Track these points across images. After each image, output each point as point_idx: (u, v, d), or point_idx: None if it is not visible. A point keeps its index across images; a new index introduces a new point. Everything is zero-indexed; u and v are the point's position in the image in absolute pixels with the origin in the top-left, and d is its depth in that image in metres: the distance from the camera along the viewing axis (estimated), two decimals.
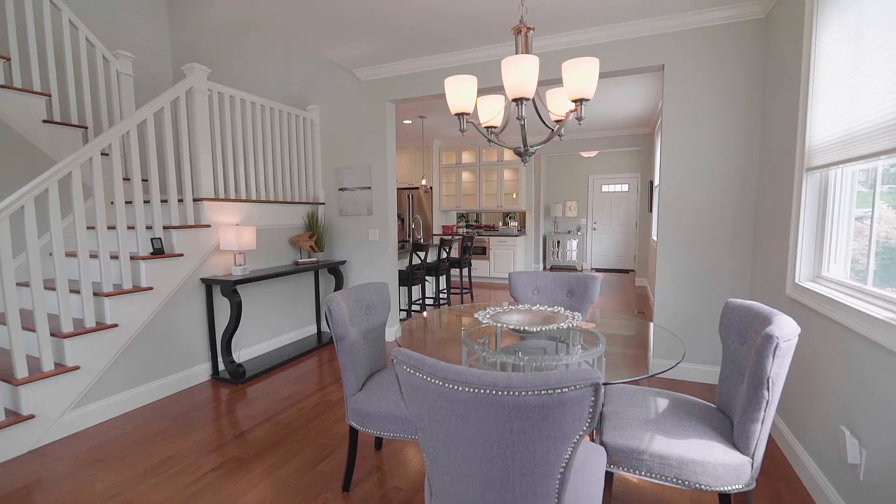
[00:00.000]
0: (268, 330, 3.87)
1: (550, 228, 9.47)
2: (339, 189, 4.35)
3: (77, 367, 2.51)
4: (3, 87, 3.08)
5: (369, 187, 4.19)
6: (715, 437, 1.48)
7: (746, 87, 2.89)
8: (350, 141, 4.25)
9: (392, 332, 4.16)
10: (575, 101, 1.69)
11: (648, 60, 3.12)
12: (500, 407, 0.96)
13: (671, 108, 3.10)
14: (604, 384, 1.38)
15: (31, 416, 2.32)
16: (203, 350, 3.28)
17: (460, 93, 1.82)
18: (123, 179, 3.41)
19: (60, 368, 2.46)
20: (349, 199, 4.30)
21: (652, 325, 2.09)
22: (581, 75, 1.62)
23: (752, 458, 1.40)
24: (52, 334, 2.49)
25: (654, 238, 5.65)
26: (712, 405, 1.74)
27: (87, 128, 3.62)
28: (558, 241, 9.13)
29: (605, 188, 9.16)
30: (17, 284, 3.10)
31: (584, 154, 8.09)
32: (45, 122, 3.31)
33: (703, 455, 1.40)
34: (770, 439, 2.37)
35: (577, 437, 0.99)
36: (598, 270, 9.18)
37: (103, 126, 3.75)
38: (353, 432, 1.96)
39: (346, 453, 2.25)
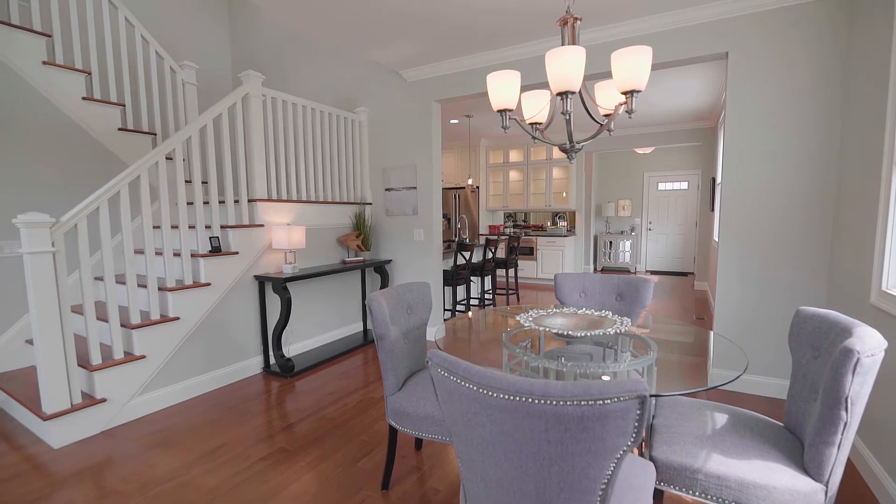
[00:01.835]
0: (316, 326, 3.99)
1: (602, 228, 9.13)
2: (386, 189, 4.41)
3: (143, 356, 2.71)
4: (84, 98, 3.38)
5: (415, 187, 4.22)
6: (781, 460, 1.33)
7: (825, 76, 2.62)
8: (396, 141, 4.30)
9: (434, 332, 4.16)
10: (625, 93, 1.59)
11: (710, 48, 2.91)
12: (537, 416, 0.91)
13: (736, 99, 2.87)
14: (654, 396, 1.29)
15: (104, 400, 2.52)
16: (255, 344, 3.44)
17: (503, 88, 1.77)
18: (185, 182, 3.64)
19: (129, 357, 2.66)
20: (395, 199, 4.35)
21: (711, 333, 1.93)
22: (632, 65, 1.52)
23: (826, 486, 1.25)
24: (121, 325, 2.69)
25: (716, 239, 5.29)
26: (779, 423, 1.58)
27: (155, 134, 3.89)
28: (610, 242, 8.78)
29: (661, 186, 8.70)
30: (94, 279, 3.39)
31: (639, 150, 7.72)
32: (119, 129, 3.59)
33: (766, 479, 1.27)
34: (849, 465, 2.13)
35: (621, 452, 0.92)
36: (652, 273, 8.74)
37: (169, 132, 4.03)
38: (393, 431, 1.96)
39: (386, 451, 2.26)
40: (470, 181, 7.26)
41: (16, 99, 3.03)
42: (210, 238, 3.13)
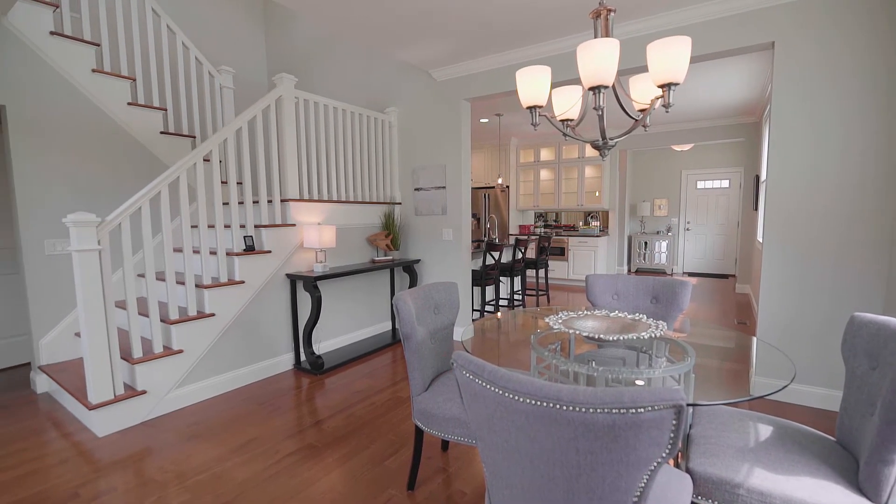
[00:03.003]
0: (345, 324, 4.04)
1: (637, 228, 8.86)
2: (415, 189, 4.42)
3: (181, 351, 2.81)
4: (129, 104, 3.54)
5: (444, 187, 4.21)
6: (833, 478, 1.24)
7: (884, 64, 2.43)
8: (426, 141, 4.30)
9: (461, 332, 4.14)
10: (662, 86, 1.52)
11: (755, 38, 2.75)
12: (565, 423, 0.87)
13: (782, 92, 2.71)
14: (691, 405, 1.22)
15: (144, 392, 2.63)
16: (287, 341, 3.51)
17: (532, 84, 1.73)
18: (222, 182, 3.76)
19: (168, 351, 2.76)
20: (424, 199, 4.36)
21: (754, 338, 1.83)
22: (669, 56, 1.45)
23: None
24: (161, 320, 2.80)
25: (760, 239, 5.03)
26: (830, 438, 1.47)
27: (195, 137, 4.04)
28: (645, 243, 8.51)
29: (700, 184, 8.36)
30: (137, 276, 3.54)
31: (677, 148, 7.44)
32: (161, 133, 3.74)
33: (817, 497, 1.18)
34: None
35: (655, 464, 0.87)
36: (690, 275, 8.41)
37: (208, 134, 4.17)
38: (419, 432, 1.95)
39: (412, 451, 2.26)
40: (500, 180, 7.19)
41: (68, 105, 3.20)
42: (244, 237, 3.22)
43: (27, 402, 2.93)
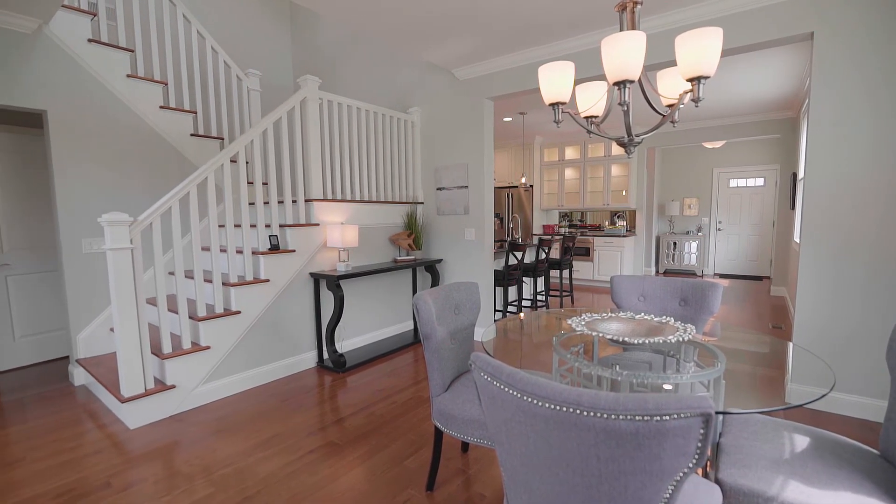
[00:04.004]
0: (368, 323, 4.07)
1: (665, 229, 8.62)
2: (437, 188, 4.41)
3: (208, 347, 2.88)
4: (162, 107, 3.65)
5: (466, 186, 4.18)
6: (877, 493, 1.16)
7: None
8: (448, 141, 4.29)
9: (482, 332, 4.11)
10: (691, 79, 1.46)
11: (791, 29, 2.63)
12: (585, 429, 0.84)
13: (822, 85, 2.57)
14: (721, 413, 1.17)
15: (173, 387, 2.71)
16: (310, 339, 3.56)
17: (555, 80, 1.69)
18: (248, 183, 3.84)
19: (196, 347, 2.84)
20: (446, 199, 4.34)
21: (791, 344, 1.74)
22: (699, 48, 1.39)
23: None
24: (189, 317, 2.88)
25: (797, 240, 4.81)
26: (873, 450, 1.38)
27: (223, 139, 4.14)
28: (674, 243, 8.27)
29: (733, 182, 8.05)
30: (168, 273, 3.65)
31: (708, 145, 7.19)
32: (191, 135, 3.85)
33: None
34: None
35: (681, 474, 0.83)
36: (722, 277, 8.12)
37: (235, 136, 4.27)
38: (439, 432, 1.94)
39: (432, 452, 2.24)
40: (523, 180, 7.11)
41: (104, 109, 3.33)
42: (269, 236, 3.28)
43: (65, 393, 3.06)
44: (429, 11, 2.91)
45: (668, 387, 1.33)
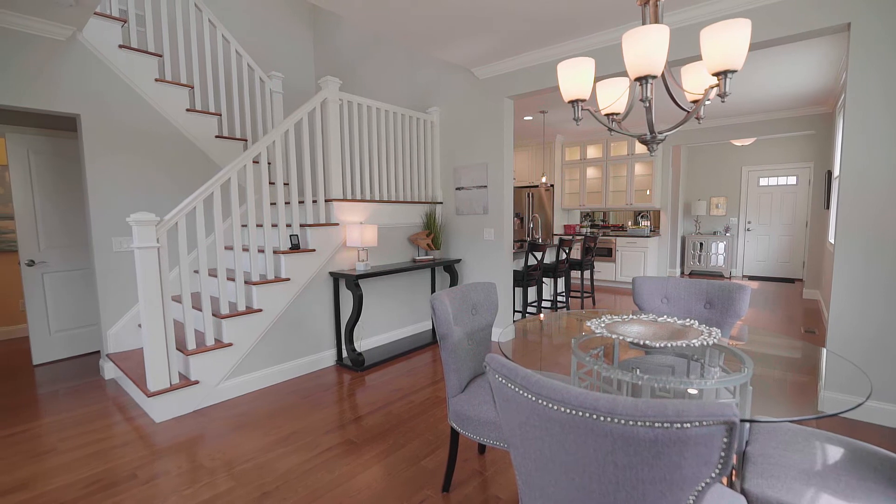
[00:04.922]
0: (386, 323, 4.09)
1: (691, 229, 8.39)
2: (456, 188, 4.40)
3: (231, 344, 2.94)
4: (188, 110, 3.75)
5: (485, 186, 4.16)
6: None
7: None
8: (468, 140, 4.27)
9: (499, 333, 4.08)
10: (717, 74, 1.41)
11: (826, 20, 2.51)
12: (602, 435, 0.81)
13: (859, 79, 2.45)
14: (747, 421, 1.12)
15: (197, 382, 2.77)
16: (329, 337, 3.60)
17: (575, 77, 1.65)
18: (269, 183, 3.90)
19: (219, 344, 2.90)
20: (465, 199, 4.33)
21: (824, 349, 1.66)
22: (725, 41, 1.34)
23: None
24: (213, 314, 2.94)
25: (832, 241, 4.61)
26: None
27: (246, 140, 4.23)
28: (700, 244, 8.04)
29: (763, 181, 7.78)
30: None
31: (737, 142, 6.96)
32: (216, 137, 3.95)
33: None
34: None
35: (703, 484, 0.80)
36: (751, 279, 7.86)
37: (258, 137, 4.35)
38: (455, 433, 1.92)
39: (448, 453, 2.24)
40: (544, 179, 7.03)
41: (134, 113, 3.44)
42: (290, 236, 3.32)
43: (96, 387, 3.17)
44: (450, 12, 2.90)
45: (692, 391, 1.29)
